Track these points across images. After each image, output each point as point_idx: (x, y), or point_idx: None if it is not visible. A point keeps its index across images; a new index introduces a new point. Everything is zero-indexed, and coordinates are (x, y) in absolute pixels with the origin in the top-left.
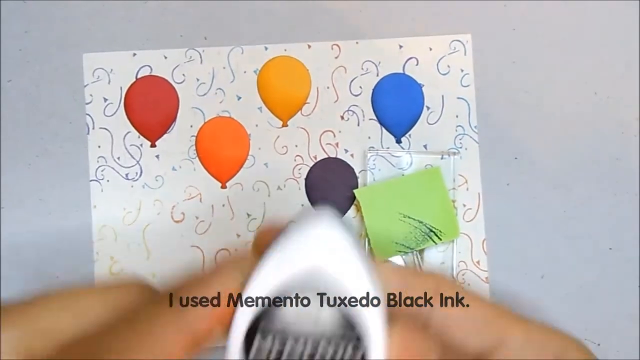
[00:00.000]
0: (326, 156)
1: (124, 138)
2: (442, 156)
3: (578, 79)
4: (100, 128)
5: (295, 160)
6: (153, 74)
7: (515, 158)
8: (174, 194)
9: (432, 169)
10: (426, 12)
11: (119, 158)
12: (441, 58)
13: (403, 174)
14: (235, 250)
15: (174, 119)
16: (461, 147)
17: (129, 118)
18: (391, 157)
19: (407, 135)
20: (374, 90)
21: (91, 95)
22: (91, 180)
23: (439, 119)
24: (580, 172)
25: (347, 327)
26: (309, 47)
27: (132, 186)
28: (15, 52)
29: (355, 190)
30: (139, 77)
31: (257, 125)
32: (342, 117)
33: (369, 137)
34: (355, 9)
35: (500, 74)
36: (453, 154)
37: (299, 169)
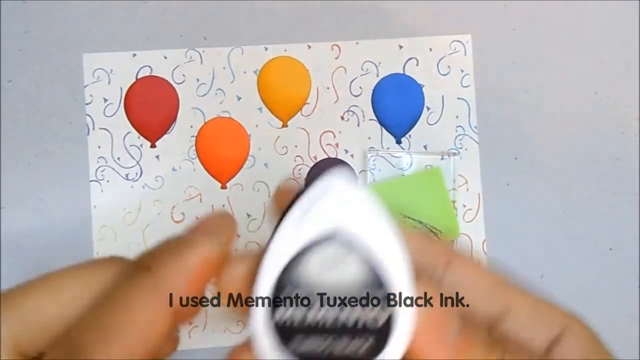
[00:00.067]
0: (326, 156)
1: (124, 138)
2: (442, 157)
3: (578, 79)
4: (100, 128)
5: (295, 160)
6: (153, 74)
7: (515, 158)
8: (174, 194)
9: (432, 170)
10: (426, 12)
11: (119, 158)
12: (441, 58)
13: (403, 175)
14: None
15: (174, 120)
16: (461, 148)
17: (129, 118)
18: (391, 157)
19: (407, 135)
20: (374, 90)
21: (91, 95)
22: (91, 181)
23: (439, 119)
24: (580, 172)
25: (374, 286)
26: (309, 47)
27: (132, 186)
28: (15, 52)
29: None
30: (139, 77)
31: (257, 126)
32: (342, 118)
33: (369, 138)
34: (355, 9)
35: (500, 74)
36: (453, 155)
37: (299, 169)
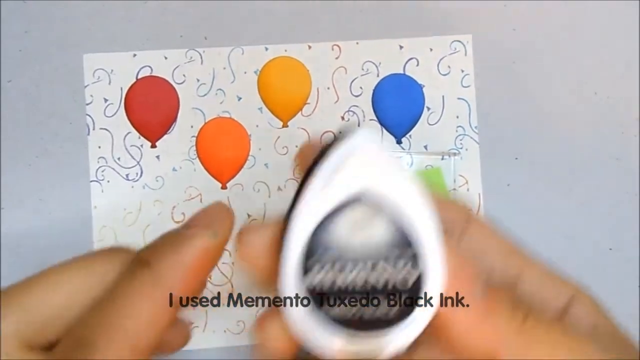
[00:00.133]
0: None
1: (125, 138)
2: (442, 157)
3: (578, 79)
4: (101, 128)
5: (295, 160)
6: (153, 74)
7: (516, 158)
8: (174, 194)
9: (433, 170)
10: (426, 12)
11: (119, 158)
12: (442, 58)
13: None
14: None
15: (175, 120)
16: (462, 148)
17: (129, 118)
18: None
19: (408, 135)
20: (374, 90)
21: (91, 95)
22: (91, 181)
23: (440, 119)
24: (580, 172)
25: (403, 246)
26: (310, 47)
27: (133, 187)
28: (15, 52)
29: None
30: (139, 77)
31: (257, 126)
32: (343, 118)
33: None
34: (355, 9)
35: (501, 74)
36: (453, 155)
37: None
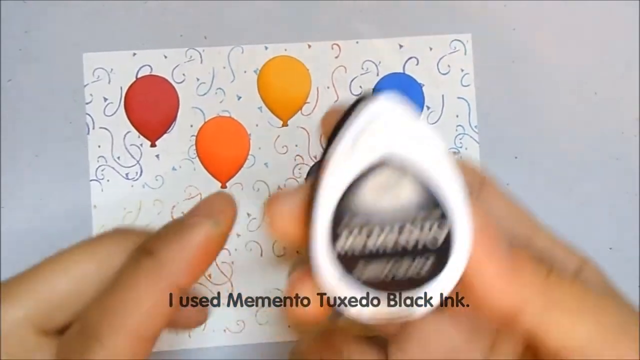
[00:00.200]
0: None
1: (124, 138)
2: None
3: (578, 79)
4: (101, 128)
5: (295, 160)
6: (153, 73)
7: (516, 158)
8: (174, 193)
9: None
10: (426, 12)
11: (119, 158)
12: (441, 58)
13: None
14: (235, 250)
15: (174, 119)
16: (461, 147)
17: (129, 118)
18: None
19: None
20: (374, 89)
21: (91, 95)
22: (91, 180)
23: (439, 118)
24: (580, 172)
25: (430, 206)
26: (309, 47)
27: (132, 186)
28: (15, 52)
29: None
30: (139, 76)
31: (257, 125)
32: None
33: None
34: (355, 9)
35: (500, 74)
36: (454, 154)
37: (299, 169)
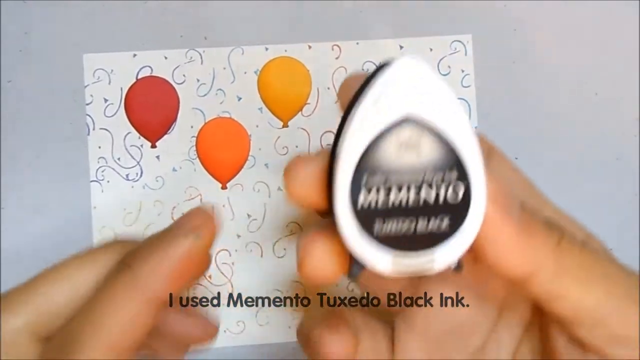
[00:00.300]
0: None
1: (125, 139)
2: None
3: (578, 79)
4: (101, 129)
5: None
6: (153, 74)
7: (516, 158)
8: (174, 194)
9: None
10: (426, 12)
11: (119, 159)
12: (442, 58)
13: None
14: (236, 251)
15: (175, 120)
16: None
17: (129, 119)
18: None
19: None
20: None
21: (91, 95)
22: (91, 181)
23: None
24: (580, 172)
25: (450, 163)
26: (310, 47)
27: (133, 187)
28: (15, 52)
29: None
30: (139, 77)
31: (257, 126)
32: None
33: None
34: (355, 9)
35: (501, 74)
36: None
37: None
